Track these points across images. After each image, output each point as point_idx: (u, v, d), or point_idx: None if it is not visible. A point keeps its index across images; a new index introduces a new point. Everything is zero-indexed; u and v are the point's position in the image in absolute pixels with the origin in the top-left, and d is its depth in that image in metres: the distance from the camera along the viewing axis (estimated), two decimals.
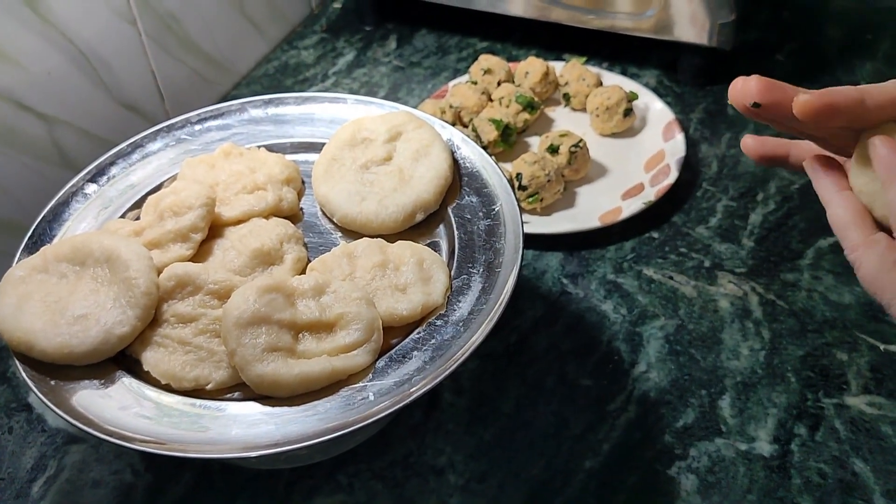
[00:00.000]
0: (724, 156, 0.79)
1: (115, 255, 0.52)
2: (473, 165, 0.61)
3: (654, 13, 0.81)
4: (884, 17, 0.94)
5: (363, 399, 0.47)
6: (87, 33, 0.74)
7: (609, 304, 0.68)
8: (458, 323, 0.51)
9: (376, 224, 0.57)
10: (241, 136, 0.65)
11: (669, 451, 0.58)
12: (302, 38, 0.98)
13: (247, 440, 0.47)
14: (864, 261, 0.40)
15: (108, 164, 0.63)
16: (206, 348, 0.50)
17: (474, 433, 0.60)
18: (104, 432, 0.47)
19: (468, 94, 0.81)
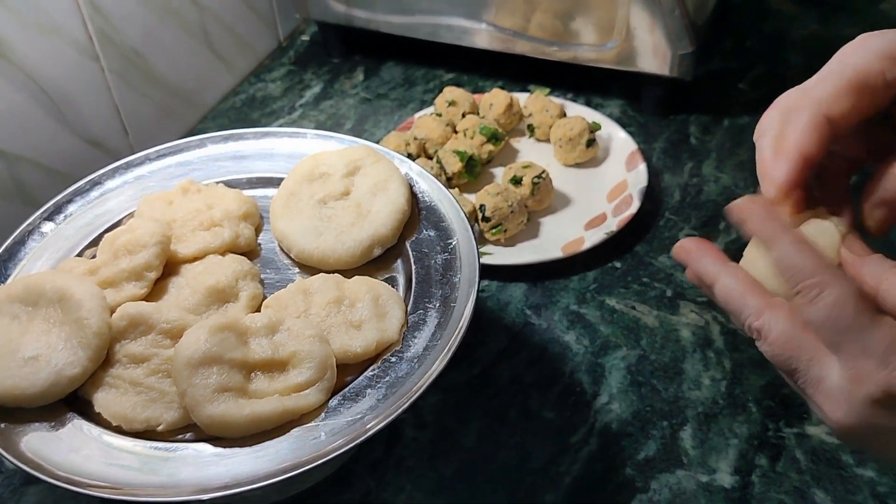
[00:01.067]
0: (687, 185, 0.80)
1: (67, 294, 0.52)
2: (431, 199, 0.61)
3: (616, 44, 0.82)
4: (844, 43, 0.96)
5: (314, 439, 0.47)
6: (49, 70, 0.74)
7: (572, 334, 0.68)
8: (413, 359, 0.51)
9: (333, 259, 0.57)
10: (200, 172, 0.65)
11: (630, 484, 0.58)
12: (269, 71, 0.99)
13: (198, 482, 0.46)
14: (773, 324, 0.39)
15: (66, 201, 0.63)
16: (158, 389, 0.50)
17: (435, 468, 0.59)
18: (53, 476, 0.47)
19: (433, 126, 0.81)
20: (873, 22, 0.98)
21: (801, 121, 0.42)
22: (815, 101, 0.42)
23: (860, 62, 0.43)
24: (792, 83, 0.49)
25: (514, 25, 0.86)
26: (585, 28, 0.83)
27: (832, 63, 0.45)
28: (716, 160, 0.82)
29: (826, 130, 0.43)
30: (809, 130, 0.42)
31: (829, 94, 0.42)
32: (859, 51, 0.44)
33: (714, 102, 0.88)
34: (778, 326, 0.39)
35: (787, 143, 0.42)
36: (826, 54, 1.02)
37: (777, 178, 0.42)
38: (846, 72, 0.43)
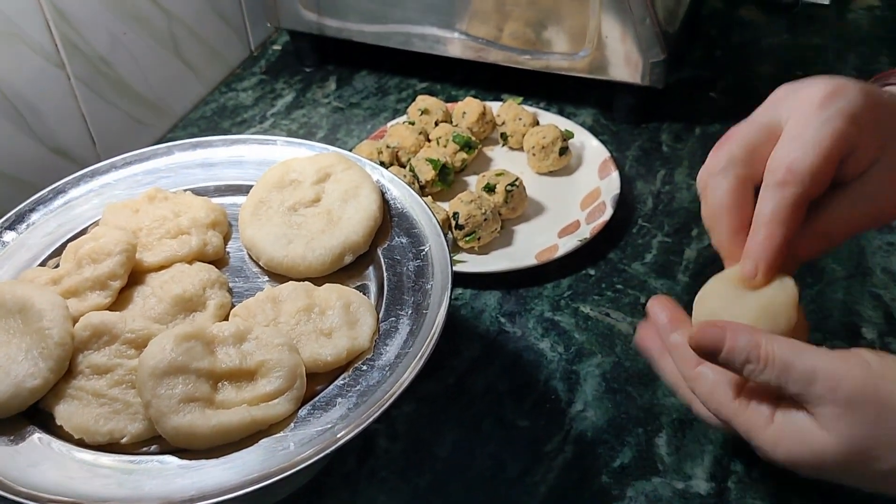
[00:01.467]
0: (659, 192, 0.80)
1: (28, 304, 0.50)
2: (403, 206, 0.60)
3: (588, 53, 0.82)
4: (813, 53, 0.97)
5: (283, 449, 0.46)
6: (13, 78, 0.72)
7: (546, 342, 0.67)
8: (385, 367, 0.50)
9: (303, 267, 0.56)
10: (167, 180, 0.63)
11: (606, 493, 0.57)
12: (240, 80, 0.98)
13: (163, 495, 0.45)
14: (696, 395, 0.46)
15: (28, 210, 0.61)
16: (122, 400, 0.49)
17: (409, 479, 0.58)
18: (13, 492, 0.45)
19: (406, 135, 0.80)
20: (841, 32, 1.00)
21: (786, 198, 0.43)
22: (797, 177, 0.43)
23: (835, 132, 0.43)
24: (762, 92, 0.49)
25: (487, 34, 0.85)
26: (557, 37, 0.83)
27: (798, 121, 0.45)
28: (688, 167, 0.82)
29: (806, 204, 0.44)
30: (794, 211, 0.43)
31: (811, 168, 0.43)
32: (831, 112, 0.43)
33: (685, 111, 0.89)
34: (698, 390, 0.45)
35: (770, 222, 0.43)
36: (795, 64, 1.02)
37: (765, 261, 0.44)
38: (825, 143, 0.43)
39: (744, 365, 0.41)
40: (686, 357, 0.45)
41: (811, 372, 0.40)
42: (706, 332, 0.42)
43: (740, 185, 0.46)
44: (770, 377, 0.40)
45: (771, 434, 0.42)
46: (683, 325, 0.47)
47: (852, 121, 0.43)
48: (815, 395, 0.39)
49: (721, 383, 0.44)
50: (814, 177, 0.43)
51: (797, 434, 0.41)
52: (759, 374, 0.41)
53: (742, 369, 0.41)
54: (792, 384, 0.40)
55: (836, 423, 0.39)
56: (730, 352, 0.41)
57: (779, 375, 0.40)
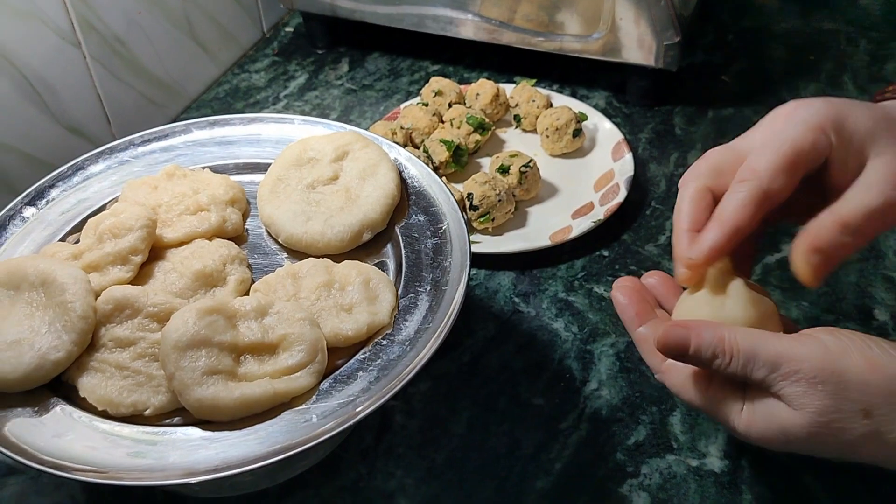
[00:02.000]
0: (672, 175, 0.80)
1: (50, 278, 0.51)
2: (421, 184, 0.61)
3: (602, 36, 0.82)
4: (826, 38, 0.97)
5: (306, 422, 0.46)
6: (31, 57, 0.72)
7: (560, 322, 0.67)
8: (405, 342, 0.51)
9: (322, 244, 0.57)
10: (185, 158, 0.64)
11: (621, 469, 0.57)
12: (253, 62, 0.98)
13: (187, 466, 0.45)
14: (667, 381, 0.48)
15: (48, 186, 0.61)
16: (145, 373, 0.49)
17: (426, 456, 0.59)
18: (38, 462, 0.46)
19: (419, 116, 0.81)
20: (853, 17, 1.00)
21: (741, 193, 0.45)
22: (756, 174, 0.45)
23: (795, 136, 0.46)
24: (774, 76, 0.50)
25: (500, 16, 0.85)
26: (571, 19, 0.83)
27: (763, 133, 0.48)
28: (701, 150, 0.82)
29: (764, 204, 0.45)
30: (749, 204, 0.45)
31: (770, 168, 0.45)
32: (792, 123, 0.46)
33: (698, 94, 0.89)
34: (669, 382, 0.48)
35: (725, 213, 0.45)
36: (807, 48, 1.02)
37: (707, 244, 0.45)
38: (783, 147, 0.45)
39: (712, 360, 0.43)
40: (654, 351, 0.47)
41: (775, 357, 0.42)
42: (671, 332, 0.44)
43: (698, 192, 0.48)
44: (736, 368, 0.43)
45: (744, 419, 0.44)
46: (649, 317, 0.49)
47: (813, 128, 0.45)
48: (780, 377, 0.42)
49: (690, 376, 0.46)
50: (772, 174, 0.45)
51: (767, 415, 0.43)
52: (725, 366, 0.43)
53: (711, 364, 0.43)
54: (757, 371, 0.42)
55: (801, 399, 0.42)
56: (696, 350, 0.43)
57: (744, 365, 0.43)
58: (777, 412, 0.43)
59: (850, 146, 0.46)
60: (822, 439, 0.42)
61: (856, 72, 0.91)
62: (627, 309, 0.50)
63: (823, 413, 0.41)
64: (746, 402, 0.44)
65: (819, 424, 0.42)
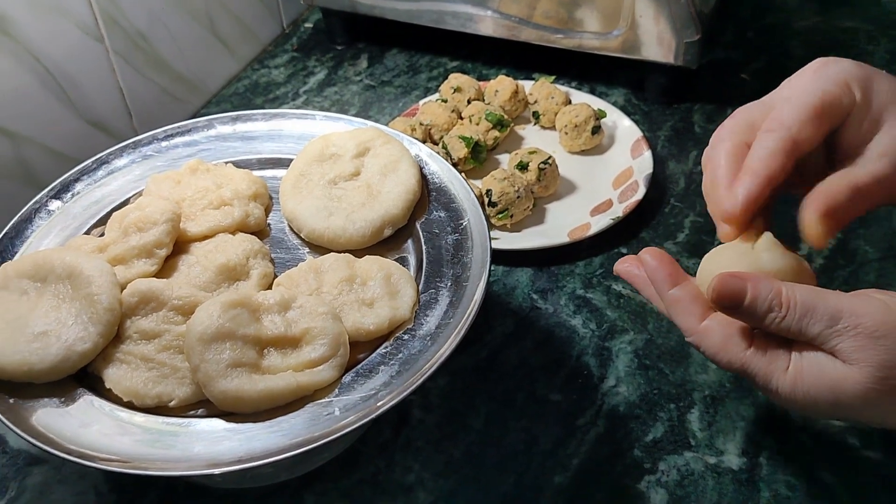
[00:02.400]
0: (692, 172, 0.80)
1: (77, 271, 0.51)
2: (441, 181, 0.61)
3: (621, 33, 0.82)
4: (846, 36, 0.96)
5: (329, 414, 0.47)
6: (54, 51, 0.73)
7: (578, 319, 0.68)
8: (426, 337, 0.51)
9: (344, 239, 0.57)
10: (208, 153, 0.64)
11: (639, 466, 0.58)
12: (273, 58, 0.98)
13: (210, 457, 0.46)
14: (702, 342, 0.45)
15: (73, 180, 0.62)
16: (170, 364, 0.50)
17: (443, 450, 0.59)
18: (64, 451, 0.46)
19: (438, 112, 0.81)
20: (873, 15, 0.99)
21: (770, 142, 0.45)
22: (784, 125, 0.45)
23: (824, 88, 0.45)
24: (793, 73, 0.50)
25: (520, 13, 0.86)
26: (590, 16, 0.83)
27: (792, 87, 0.47)
28: None
29: (793, 154, 0.45)
30: (779, 152, 0.44)
31: (798, 118, 0.45)
32: (820, 77, 0.46)
33: (717, 92, 0.89)
34: (707, 343, 0.45)
35: (755, 162, 0.45)
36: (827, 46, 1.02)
37: (742, 194, 0.44)
38: (811, 98, 0.45)
39: (767, 313, 0.42)
40: (690, 311, 0.45)
41: (835, 311, 0.41)
42: (727, 282, 0.42)
43: (736, 148, 0.47)
44: (791, 322, 0.41)
45: (791, 375, 0.42)
46: (681, 278, 0.46)
47: (840, 84, 0.45)
48: (837, 333, 0.41)
49: (732, 335, 0.44)
50: (800, 124, 0.44)
51: (817, 371, 0.42)
52: (780, 320, 0.41)
53: (764, 317, 0.42)
54: (815, 325, 0.41)
55: (859, 354, 0.40)
56: (753, 300, 0.42)
57: (800, 318, 0.41)
58: (830, 368, 0.41)
59: (870, 109, 0.46)
60: (875, 397, 0.41)
61: None
62: (659, 270, 0.46)
63: (882, 368, 0.40)
64: (793, 359, 0.42)
65: (876, 380, 0.40)
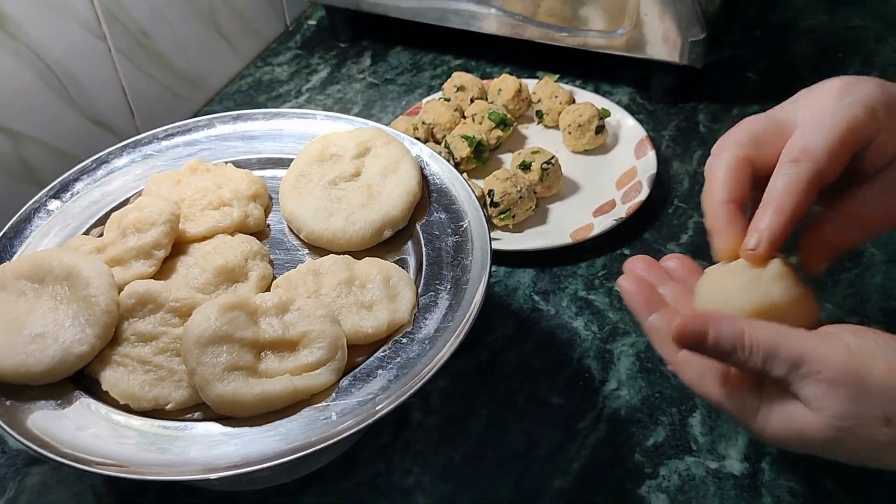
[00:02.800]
0: (696, 173, 0.79)
1: (74, 272, 0.51)
2: (442, 182, 0.60)
3: (626, 31, 0.82)
4: (854, 34, 0.95)
5: (325, 419, 0.47)
6: (56, 49, 0.73)
7: (580, 320, 0.67)
8: (425, 340, 0.51)
9: (343, 240, 0.57)
10: (208, 152, 0.64)
11: (640, 471, 0.57)
12: (276, 55, 0.98)
13: (207, 461, 0.46)
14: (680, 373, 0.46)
15: (73, 179, 0.62)
16: (167, 367, 0.49)
17: (443, 453, 0.59)
18: (60, 454, 0.46)
19: (441, 111, 0.80)
20: (881, 14, 0.98)
21: (796, 174, 0.43)
22: (810, 155, 0.43)
23: (851, 116, 0.44)
24: (801, 73, 0.49)
25: (524, 11, 0.85)
26: (595, 14, 0.82)
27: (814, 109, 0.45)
28: None
29: (818, 186, 0.44)
30: (805, 186, 0.43)
31: (826, 148, 0.43)
32: (847, 101, 0.44)
33: (723, 91, 0.88)
34: (685, 376, 0.45)
35: (781, 198, 0.43)
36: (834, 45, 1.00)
37: (767, 233, 0.43)
38: (839, 126, 0.43)
39: (731, 354, 0.42)
40: (667, 342, 0.45)
41: (797, 355, 0.40)
42: (689, 324, 0.42)
43: (737, 162, 0.46)
44: (756, 364, 0.41)
45: (760, 418, 0.43)
46: (660, 305, 0.47)
47: (868, 110, 0.44)
48: (800, 376, 0.40)
49: (707, 371, 0.44)
50: (828, 156, 0.43)
51: (784, 417, 0.42)
52: (744, 361, 0.41)
53: (730, 358, 0.42)
54: (777, 368, 0.41)
55: (820, 402, 0.40)
56: (715, 342, 0.42)
57: (763, 360, 0.41)
58: (795, 413, 0.41)
59: (891, 131, 0.44)
60: (840, 444, 0.41)
61: (884, 70, 0.90)
62: (636, 297, 0.47)
63: (843, 418, 0.40)
64: (763, 401, 0.43)
65: (838, 429, 0.40)
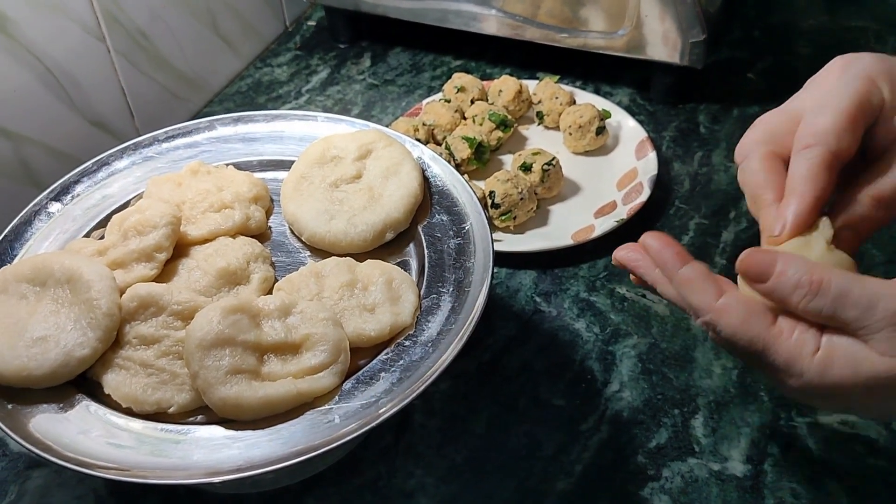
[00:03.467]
0: (697, 174, 0.79)
1: (76, 275, 0.51)
2: (444, 184, 0.60)
3: (626, 32, 0.81)
4: (854, 35, 0.95)
5: (328, 422, 0.47)
6: (55, 51, 0.73)
7: (582, 322, 0.67)
8: (427, 343, 0.51)
9: (345, 243, 0.57)
10: (209, 154, 0.64)
11: (642, 472, 0.57)
12: (275, 56, 0.98)
13: (210, 465, 0.46)
14: (719, 321, 0.41)
15: (73, 182, 0.62)
16: (169, 371, 0.49)
17: (445, 455, 0.59)
18: (62, 458, 0.46)
19: (441, 112, 0.80)
20: (881, 14, 0.98)
21: (810, 159, 0.43)
22: (822, 138, 0.43)
23: (855, 90, 0.43)
24: (801, 74, 0.49)
25: (524, 12, 0.85)
26: (595, 15, 0.82)
27: (820, 93, 0.45)
28: (726, 149, 0.81)
29: (835, 168, 0.43)
30: (822, 170, 0.42)
31: (835, 128, 0.43)
32: (847, 78, 0.44)
33: (723, 92, 0.88)
34: (725, 322, 0.41)
35: (800, 184, 0.43)
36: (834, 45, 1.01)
37: (791, 220, 0.42)
38: (844, 103, 0.43)
39: (794, 290, 0.39)
40: (704, 288, 0.42)
41: (872, 296, 0.38)
42: (756, 256, 0.40)
43: (769, 159, 0.45)
44: (823, 304, 0.39)
45: (819, 360, 0.40)
46: (689, 259, 0.44)
47: (869, 81, 0.43)
48: (875, 318, 0.38)
49: (754, 311, 0.41)
50: (838, 135, 0.43)
51: (850, 358, 0.39)
52: (809, 301, 0.39)
53: (792, 295, 0.39)
54: (849, 309, 0.38)
55: (894, 344, 0.38)
56: (781, 274, 0.39)
57: (833, 301, 0.39)
58: (862, 356, 0.39)
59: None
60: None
61: None
62: (665, 250, 0.44)
63: None
64: (824, 343, 0.40)
65: None
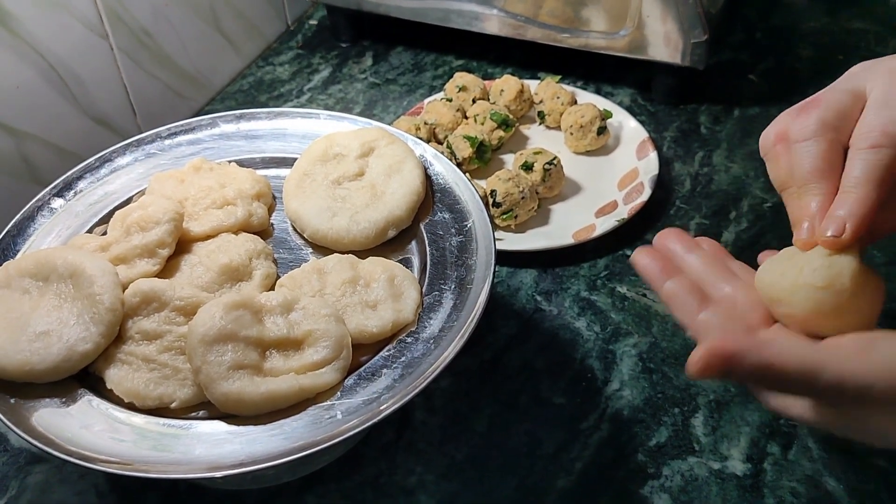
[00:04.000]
0: (697, 174, 0.79)
1: (79, 270, 0.51)
2: (446, 182, 0.61)
3: (628, 32, 0.82)
4: (855, 37, 0.96)
5: (331, 418, 0.47)
6: (58, 48, 0.73)
7: (582, 321, 0.67)
8: (429, 340, 0.51)
9: (347, 240, 0.57)
10: (211, 151, 0.64)
11: (642, 471, 0.57)
12: (277, 55, 0.98)
13: (211, 460, 0.46)
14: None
15: (76, 178, 0.62)
16: (171, 366, 0.49)
17: (446, 453, 0.59)
18: (64, 452, 0.46)
19: (443, 111, 0.81)
20: (882, 16, 0.98)
21: (880, 161, 0.41)
22: (893, 142, 0.41)
23: None
24: (802, 75, 0.49)
25: (526, 11, 0.85)
26: (597, 15, 0.83)
27: (886, 75, 0.43)
28: (726, 150, 0.82)
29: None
30: (887, 175, 0.41)
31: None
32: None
33: (724, 93, 0.88)
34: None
35: (863, 185, 0.41)
36: (835, 47, 1.01)
37: (855, 220, 0.41)
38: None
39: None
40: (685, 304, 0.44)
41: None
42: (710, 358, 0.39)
43: (833, 148, 0.43)
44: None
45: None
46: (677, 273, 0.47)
47: None
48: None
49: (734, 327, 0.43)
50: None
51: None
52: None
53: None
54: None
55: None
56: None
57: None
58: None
59: None
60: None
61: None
62: (649, 267, 0.47)
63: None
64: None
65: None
